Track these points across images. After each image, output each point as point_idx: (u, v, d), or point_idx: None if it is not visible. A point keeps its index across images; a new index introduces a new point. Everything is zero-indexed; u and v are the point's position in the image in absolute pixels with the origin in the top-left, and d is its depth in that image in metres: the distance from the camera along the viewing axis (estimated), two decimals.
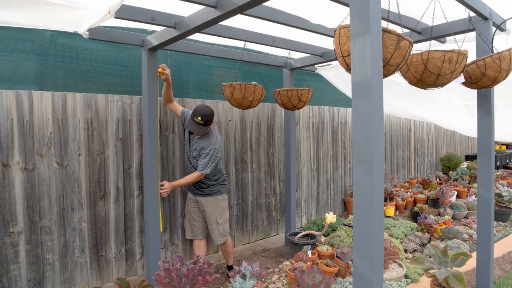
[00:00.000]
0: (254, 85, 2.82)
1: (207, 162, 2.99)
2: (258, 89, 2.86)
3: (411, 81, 2.03)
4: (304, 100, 3.20)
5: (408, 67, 1.97)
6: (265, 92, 2.96)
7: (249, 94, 2.83)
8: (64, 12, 1.99)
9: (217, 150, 3.04)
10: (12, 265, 2.51)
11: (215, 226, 3.14)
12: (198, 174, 3.00)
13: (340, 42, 1.65)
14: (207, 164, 2.99)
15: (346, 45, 1.62)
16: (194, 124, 2.93)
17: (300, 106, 3.24)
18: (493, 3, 2.41)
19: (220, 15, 2.07)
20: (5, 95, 2.47)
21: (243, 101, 2.86)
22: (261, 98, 2.94)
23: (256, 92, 2.86)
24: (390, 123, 6.46)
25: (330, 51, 3.51)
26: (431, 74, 1.92)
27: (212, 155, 3.01)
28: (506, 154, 9.98)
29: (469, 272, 3.38)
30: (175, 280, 2.10)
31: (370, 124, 1.43)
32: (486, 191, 2.56)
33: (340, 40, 1.64)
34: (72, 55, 2.83)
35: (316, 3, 2.29)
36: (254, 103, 2.92)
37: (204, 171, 2.99)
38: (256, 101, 2.92)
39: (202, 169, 2.98)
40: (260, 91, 2.89)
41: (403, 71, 2.02)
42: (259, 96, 2.90)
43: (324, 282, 2.48)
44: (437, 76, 1.92)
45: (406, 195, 5.73)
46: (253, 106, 2.96)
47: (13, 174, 2.51)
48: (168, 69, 2.96)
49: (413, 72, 1.96)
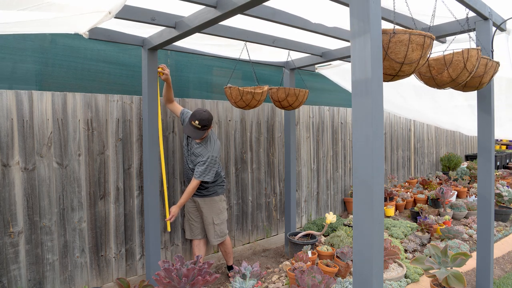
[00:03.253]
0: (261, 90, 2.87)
1: (203, 170, 2.94)
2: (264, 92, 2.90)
3: (444, 81, 1.97)
4: (301, 100, 3.20)
5: (447, 67, 1.91)
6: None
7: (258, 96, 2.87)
8: (65, 14, 1.99)
9: (215, 157, 3.00)
10: (12, 265, 2.52)
11: (212, 227, 3.14)
12: (195, 182, 2.95)
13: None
14: (203, 172, 2.94)
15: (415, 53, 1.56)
16: (191, 128, 2.90)
17: (296, 106, 3.24)
18: (493, 3, 2.41)
19: (220, 15, 2.07)
20: (5, 95, 2.47)
21: (251, 102, 2.88)
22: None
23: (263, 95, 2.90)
24: (390, 123, 6.46)
25: (330, 51, 3.51)
26: (466, 73, 1.89)
27: (210, 163, 2.96)
28: (506, 154, 9.98)
29: (469, 272, 3.38)
30: (175, 280, 2.10)
31: (370, 123, 1.43)
32: (486, 191, 2.56)
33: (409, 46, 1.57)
34: (72, 54, 2.83)
35: (316, 3, 2.29)
36: (260, 103, 2.95)
37: (201, 179, 2.94)
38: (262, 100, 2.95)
39: (198, 177, 2.94)
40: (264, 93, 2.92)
41: (436, 72, 1.96)
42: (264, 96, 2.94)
43: (324, 282, 2.48)
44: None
45: (406, 195, 5.73)
46: (257, 106, 2.98)
47: (13, 174, 2.51)
48: (168, 69, 2.96)
49: (451, 71, 1.91)
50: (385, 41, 1.56)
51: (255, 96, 2.84)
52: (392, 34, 1.55)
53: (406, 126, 6.94)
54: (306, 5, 2.39)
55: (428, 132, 7.72)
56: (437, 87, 2.04)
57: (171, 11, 2.40)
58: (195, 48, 3.18)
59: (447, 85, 2.00)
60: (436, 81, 1.99)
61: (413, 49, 1.56)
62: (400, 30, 1.55)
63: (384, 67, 1.61)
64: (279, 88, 3.16)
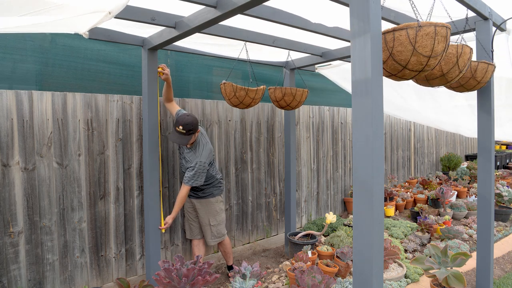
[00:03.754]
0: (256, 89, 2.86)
1: (192, 176, 2.89)
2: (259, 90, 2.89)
3: (434, 76, 1.93)
4: (299, 99, 3.19)
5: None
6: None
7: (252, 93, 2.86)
8: (65, 14, 1.99)
9: (203, 163, 2.93)
10: (12, 265, 2.51)
11: (208, 228, 3.13)
12: (185, 188, 2.91)
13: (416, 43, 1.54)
14: (192, 178, 2.89)
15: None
16: (177, 134, 2.83)
17: (294, 105, 3.24)
18: (493, 3, 2.41)
19: (220, 15, 2.07)
20: (5, 95, 2.47)
21: (245, 99, 2.86)
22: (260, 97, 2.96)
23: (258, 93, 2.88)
24: (390, 123, 6.46)
25: (330, 51, 3.51)
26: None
27: (198, 169, 2.90)
28: (506, 154, 9.98)
29: (469, 272, 3.38)
30: (175, 280, 2.10)
31: (370, 123, 1.43)
32: (486, 191, 2.56)
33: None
34: (72, 54, 2.83)
35: (316, 3, 2.29)
36: (255, 101, 2.93)
37: (189, 184, 2.90)
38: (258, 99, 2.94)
39: (187, 182, 2.90)
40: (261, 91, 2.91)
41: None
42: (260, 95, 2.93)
43: (324, 282, 2.48)
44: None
45: (406, 195, 5.73)
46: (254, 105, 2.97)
47: (13, 174, 2.51)
48: (168, 68, 2.95)
49: (443, 64, 1.90)
50: (411, 35, 1.52)
51: (249, 93, 2.82)
52: (418, 28, 1.51)
53: (406, 126, 6.94)
54: (306, 5, 2.39)
55: (428, 132, 7.72)
56: (427, 84, 2.01)
57: (171, 11, 2.40)
58: (195, 48, 3.18)
59: (437, 81, 1.95)
60: (426, 75, 1.95)
61: (439, 42, 1.53)
62: (425, 23, 1.52)
63: (411, 63, 1.58)
64: (276, 88, 3.17)
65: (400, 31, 1.55)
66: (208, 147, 3.02)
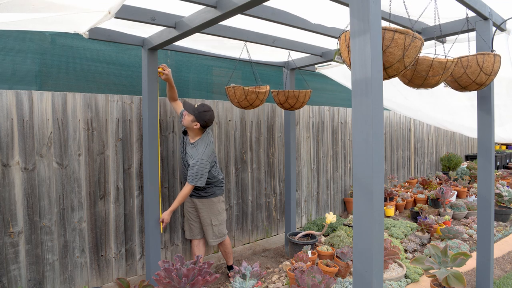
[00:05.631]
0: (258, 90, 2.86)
1: (195, 174, 2.87)
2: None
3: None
4: (302, 101, 3.20)
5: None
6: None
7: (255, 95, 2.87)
8: (65, 13, 1.99)
9: (205, 161, 2.91)
10: (12, 265, 2.52)
11: (210, 228, 3.13)
12: (188, 187, 2.90)
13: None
14: (195, 176, 2.87)
15: None
16: (191, 105, 2.93)
17: (298, 106, 3.24)
18: (493, 3, 2.41)
19: (220, 15, 2.07)
20: (5, 95, 2.47)
21: (255, 101, 2.87)
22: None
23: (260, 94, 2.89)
24: (390, 123, 6.46)
25: (330, 51, 3.51)
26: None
27: (199, 168, 2.89)
28: (506, 154, 9.98)
29: (469, 272, 3.38)
30: (175, 280, 2.10)
31: (370, 123, 1.43)
32: (486, 191, 2.56)
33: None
34: (72, 55, 2.83)
35: (316, 3, 2.29)
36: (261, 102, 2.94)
37: (193, 183, 2.88)
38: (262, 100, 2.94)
39: (191, 181, 2.88)
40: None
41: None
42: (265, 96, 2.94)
43: (324, 282, 2.48)
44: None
45: (406, 195, 5.73)
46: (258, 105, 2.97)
47: (13, 174, 2.51)
48: (169, 68, 2.96)
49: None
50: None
51: (259, 96, 2.83)
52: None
53: (406, 126, 6.94)
54: (306, 5, 2.39)
55: (428, 132, 7.72)
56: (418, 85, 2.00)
57: (171, 11, 2.40)
58: (195, 48, 3.18)
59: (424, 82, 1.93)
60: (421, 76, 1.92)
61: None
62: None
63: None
64: (279, 91, 3.18)
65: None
66: (211, 147, 3.02)
